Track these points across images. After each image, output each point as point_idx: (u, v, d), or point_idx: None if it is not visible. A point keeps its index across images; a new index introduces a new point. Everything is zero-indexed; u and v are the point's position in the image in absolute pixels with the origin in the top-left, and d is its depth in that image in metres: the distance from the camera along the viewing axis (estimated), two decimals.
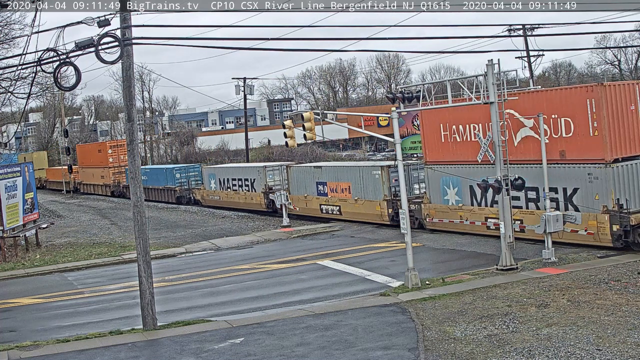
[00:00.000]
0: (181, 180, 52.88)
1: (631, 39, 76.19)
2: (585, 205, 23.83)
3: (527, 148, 25.29)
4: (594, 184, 23.64)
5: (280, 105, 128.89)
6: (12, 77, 31.18)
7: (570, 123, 24.35)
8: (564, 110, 24.39)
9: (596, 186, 23.59)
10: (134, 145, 18.53)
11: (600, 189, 23.45)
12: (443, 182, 29.55)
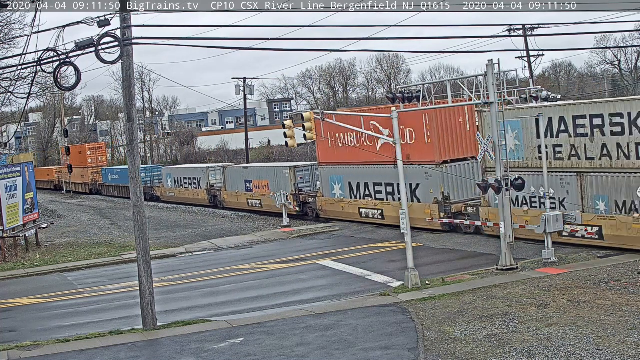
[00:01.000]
0: (145, 179, 57.50)
1: (631, 39, 76.14)
2: (424, 197, 30.46)
3: (386, 152, 29.63)
4: (429, 180, 30.15)
5: (280, 105, 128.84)
6: (12, 77, 31.20)
7: (413, 133, 30.75)
8: (409, 123, 30.16)
9: (430, 182, 30.13)
10: (134, 145, 18.54)
11: (433, 184, 29.97)
12: (331, 180, 36.51)
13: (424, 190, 30.43)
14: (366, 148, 32.48)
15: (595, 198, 23.86)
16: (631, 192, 22.72)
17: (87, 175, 69.10)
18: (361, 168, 34.28)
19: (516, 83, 40.14)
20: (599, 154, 23.79)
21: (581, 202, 24.20)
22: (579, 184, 24.37)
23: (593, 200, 23.94)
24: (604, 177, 23.65)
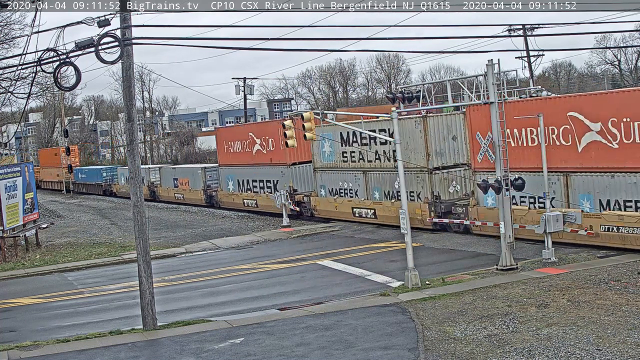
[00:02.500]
0: (106, 178, 68.08)
1: (631, 39, 76.16)
2: (279, 189, 40.01)
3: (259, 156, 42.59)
4: (284, 177, 40.31)
5: (280, 105, 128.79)
6: (12, 77, 31.20)
7: (274, 141, 40.94)
8: (271, 133, 41.12)
9: (284, 178, 40.25)
10: (134, 145, 18.54)
11: (287, 180, 39.99)
12: (227, 178, 46.86)
13: (281, 184, 40.36)
14: (247, 153, 43.92)
15: (373, 189, 34.02)
16: (392, 184, 32.42)
17: (61, 174, 76.71)
18: (244, 169, 44.68)
19: (516, 83, 40.16)
20: (374, 158, 33.63)
21: (366, 193, 34.57)
22: (365, 180, 34.49)
23: (372, 191, 34.15)
24: (377, 174, 33.65)
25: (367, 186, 34.18)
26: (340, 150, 35.69)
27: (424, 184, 30.90)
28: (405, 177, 23.70)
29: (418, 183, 31.14)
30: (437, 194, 30.53)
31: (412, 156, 30.60)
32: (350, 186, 35.37)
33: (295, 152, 38.81)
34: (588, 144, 24.15)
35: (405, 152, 29.36)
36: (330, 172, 36.98)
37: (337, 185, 36.42)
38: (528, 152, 25.70)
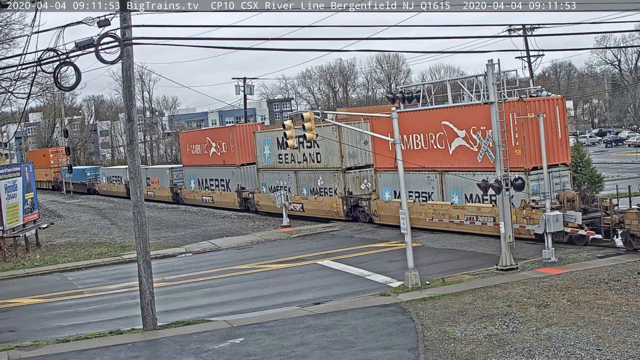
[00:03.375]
0: (90, 177, 73.92)
1: (631, 39, 76.22)
2: (230, 187, 45.89)
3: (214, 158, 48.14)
4: (234, 176, 45.72)
5: (280, 105, 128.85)
6: (12, 77, 31.19)
7: (226, 145, 46.15)
8: (224, 138, 46.69)
9: (235, 178, 45.65)
10: (134, 145, 18.54)
11: (237, 179, 45.50)
12: (190, 177, 52.25)
13: (232, 183, 46.14)
14: (205, 155, 48.90)
15: (302, 186, 39.25)
16: (316, 182, 37.91)
17: (50, 174, 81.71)
18: (203, 169, 49.96)
19: (516, 83, 40.14)
20: (302, 159, 38.92)
21: (296, 189, 39.55)
22: (295, 178, 39.51)
23: (301, 188, 39.26)
24: (305, 173, 38.82)
25: (298, 184, 39.51)
26: (277, 153, 40.95)
27: (339, 181, 36.20)
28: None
29: (334, 181, 36.48)
30: (349, 190, 35.81)
31: (329, 158, 36.49)
32: (285, 184, 40.43)
33: (243, 154, 45.01)
34: (456, 147, 28.55)
35: (324, 155, 36.76)
36: (269, 172, 42.16)
37: (275, 183, 41.44)
38: (414, 154, 30.08)
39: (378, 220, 33.53)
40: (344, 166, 35.80)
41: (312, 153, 37.86)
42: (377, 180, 33.65)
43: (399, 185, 26.22)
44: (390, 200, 32.21)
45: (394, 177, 30.50)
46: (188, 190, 52.66)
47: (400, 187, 21.33)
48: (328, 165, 36.55)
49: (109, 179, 68.34)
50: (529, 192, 25.82)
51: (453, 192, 29.15)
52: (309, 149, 37.83)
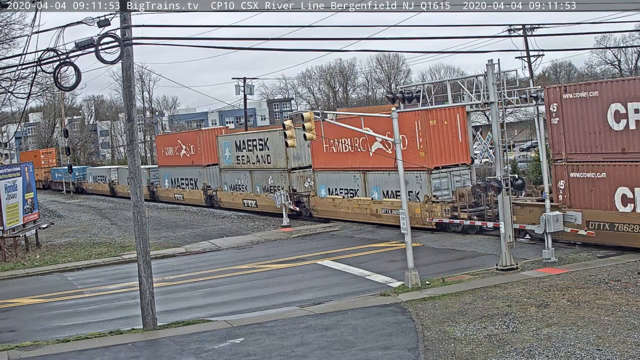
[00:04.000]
0: (78, 177, 76.98)
1: (631, 39, 76.19)
2: (198, 185, 50.80)
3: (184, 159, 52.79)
4: (201, 176, 50.28)
5: (280, 105, 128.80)
6: (12, 77, 31.19)
7: (194, 147, 50.90)
8: (192, 140, 51.72)
9: (202, 177, 50.30)
10: (134, 145, 18.54)
11: (203, 178, 49.80)
12: (164, 177, 57.16)
13: (199, 182, 50.58)
14: (176, 157, 53.31)
15: (256, 185, 43.24)
16: (267, 181, 41.77)
17: (40, 174, 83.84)
18: (175, 169, 54.38)
19: (516, 83, 40.13)
20: (256, 160, 42.97)
21: (251, 187, 43.54)
22: (251, 178, 43.75)
23: (255, 186, 42.87)
24: (258, 173, 43.02)
25: (252, 182, 43.64)
26: (235, 155, 45.20)
27: (285, 180, 40.19)
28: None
29: (282, 180, 40.52)
30: (294, 188, 39.63)
31: (278, 159, 40.63)
32: (242, 183, 44.91)
33: (208, 156, 49.25)
34: (376, 150, 32.34)
35: (273, 157, 41.08)
36: (230, 172, 46.47)
37: (234, 182, 45.90)
38: (343, 156, 35.40)
39: (316, 214, 37.78)
40: (289, 167, 39.95)
41: (264, 155, 42.14)
42: (315, 179, 37.88)
43: (332, 184, 36.42)
44: (325, 197, 36.86)
45: (328, 177, 36.71)
46: (163, 188, 57.30)
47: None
48: (276, 165, 40.89)
49: (94, 179, 73.09)
50: (430, 188, 29.99)
51: (374, 189, 33.61)
52: (261, 151, 42.25)
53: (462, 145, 30.64)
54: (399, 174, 21.62)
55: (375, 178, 33.39)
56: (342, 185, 35.66)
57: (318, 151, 36.94)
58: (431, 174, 30.22)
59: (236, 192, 45.56)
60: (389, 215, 31.90)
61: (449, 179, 30.24)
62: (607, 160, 23.57)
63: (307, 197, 38.37)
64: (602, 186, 23.76)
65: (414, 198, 30.79)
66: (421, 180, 30.67)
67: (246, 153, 43.85)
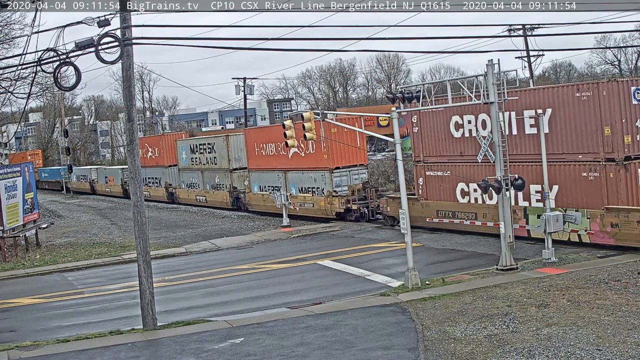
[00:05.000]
0: (64, 176, 78.66)
1: (631, 39, 76.23)
2: (161, 183, 56.43)
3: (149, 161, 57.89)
4: (164, 175, 56.13)
5: (280, 105, 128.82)
6: (12, 77, 31.19)
7: (158, 150, 56.53)
8: (156, 144, 57.55)
9: (164, 176, 56.03)
10: (134, 145, 18.54)
11: (166, 177, 55.80)
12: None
13: (162, 180, 56.71)
14: (144, 158, 55.29)
15: (206, 183, 49.39)
16: (214, 179, 48.05)
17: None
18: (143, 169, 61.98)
19: (516, 83, 40.12)
20: (206, 162, 48.87)
21: (202, 185, 49.89)
22: (202, 177, 49.76)
23: (206, 184, 49.29)
24: (208, 172, 48.93)
25: (203, 181, 49.76)
26: (190, 157, 51.31)
27: (228, 179, 46.24)
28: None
29: (225, 178, 46.68)
30: (234, 186, 45.50)
31: (222, 161, 46.89)
32: (196, 181, 51.11)
33: (169, 157, 55.17)
34: (293, 153, 38.51)
35: (219, 159, 47.23)
36: (186, 172, 52.59)
37: (190, 180, 52.13)
38: (270, 158, 41.31)
39: (251, 208, 43.93)
40: (231, 167, 46.03)
41: (212, 157, 48.28)
42: (250, 178, 43.73)
43: (262, 182, 42.64)
44: (257, 193, 42.89)
45: (259, 176, 42.81)
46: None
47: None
48: (221, 166, 47.06)
49: (77, 178, 77.81)
50: (332, 184, 36.21)
51: (292, 186, 39.48)
52: (210, 154, 48.32)
53: (359, 149, 36.76)
54: (399, 174, 21.60)
55: (293, 177, 39.42)
56: (269, 183, 41.62)
57: (252, 154, 43.14)
58: (332, 173, 36.48)
59: (191, 190, 52.05)
60: (303, 208, 38.29)
61: (348, 177, 36.86)
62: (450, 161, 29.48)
63: (243, 194, 44.35)
64: (448, 182, 29.60)
65: (320, 193, 37.14)
66: (325, 178, 36.86)
67: (198, 155, 50.06)
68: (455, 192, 29.11)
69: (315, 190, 37.60)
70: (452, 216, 29.16)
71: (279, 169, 40.44)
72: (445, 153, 29.59)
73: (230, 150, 45.91)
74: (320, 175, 37.17)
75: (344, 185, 36.42)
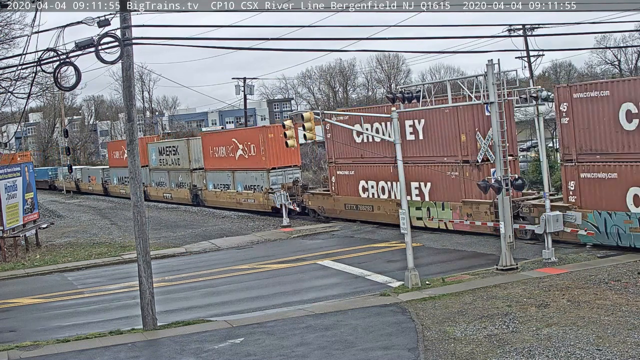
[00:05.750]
0: (51, 176, 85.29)
1: (631, 39, 76.15)
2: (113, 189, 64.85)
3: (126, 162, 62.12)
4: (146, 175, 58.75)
5: (280, 105, 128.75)
6: (12, 77, 31.17)
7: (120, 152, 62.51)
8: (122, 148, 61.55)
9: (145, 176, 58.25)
10: (134, 145, 18.53)
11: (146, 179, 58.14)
12: (113, 175, 67.19)
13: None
14: (120, 159, 61.80)
15: (172, 181, 54.28)
16: (178, 178, 53.35)
17: None
18: (120, 169, 63.51)
19: (516, 83, 40.09)
20: (172, 162, 53.88)
21: (169, 184, 54.43)
22: (168, 176, 54.57)
23: (172, 183, 54.59)
24: (173, 172, 53.78)
25: (170, 180, 54.96)
26: (159, 158, 56.48)
27: (189, 178, 51.62)
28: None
29: (187, 178, 52.06)
30: (194, 184, 50.76)
31: (184, 162, 52.25)
32: (164, 180, 56.14)
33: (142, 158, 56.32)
34: (239, 155, 44.11)
35: (181, 160, 52.62)
36: (155, 171, 57.47)
37: (158, 179, 57.08)
38: (220, 159, 46.58)
39: (207, 203, 49.11)
40: (191, 167, 51.33)
41: (176, 158, 53.77)
42: (206, 177, 48.90)
43: (216, 180, 47.65)
44: (212, 190, 48.30)
45: (214, 175, 47.95)
46: (112, 185, 67.85)
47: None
48: (183, 167, 52.40)
49: (64, 177, 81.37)
50: (269, 182, 41.07)
51: (238, 184, 44.70)
52: (174, 155, 53.69)
53: (294, 151, 40.41)
54: (399, 174, 21.60)
55: (240, 176, 44.61)
56: (222, 182, 47.01)
57: (207, 156, 48.44)
58: (269, 172, 41.52)
59: (159, 187, 57.21)
60: (246, 203, 43.72)
61: (283, 176, 41.70)
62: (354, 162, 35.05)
63: (200, 191, 49.81)
64: (352, 180, 35.08)
65: (260, 190, 42.33)
66: (263, 177, 41.91)
67: (165, 157, 55.38)
68: (358, 188, 34.63)
69: (256, 187, 42.70)
70: (356, 208, 34.85)
71: (229, 169, 45.85)
72: (350, 156, 35.21)
73: (191, 152, 51.40)
74: (260, 175, 42.36)
75: (279, 184, 41.02)
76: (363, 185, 34.31)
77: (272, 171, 41.58)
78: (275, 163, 41.77)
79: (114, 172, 67.33)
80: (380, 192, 33.22)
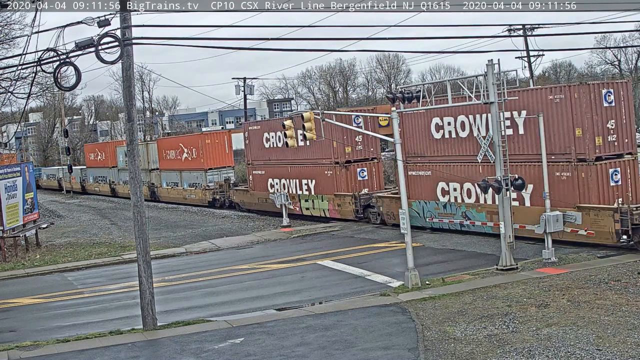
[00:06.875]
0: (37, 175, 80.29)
1: (631, 39, 76.13)
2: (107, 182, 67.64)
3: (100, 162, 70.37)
4: (109, 174, 67.26)
5: (280, 105, 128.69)
6: (12, 77, 31.18)
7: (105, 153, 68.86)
8: (104, 149, 70.05)
9: (109, 175, 67.10)
10: (134, 145, 18.53)
11: (110, 176, 67.26)
12: (90, 175, 74.57)
13: (108, 178, 68.63)
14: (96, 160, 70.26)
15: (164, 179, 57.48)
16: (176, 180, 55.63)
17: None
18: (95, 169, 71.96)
19: (516, 83, 40.12)
20: (156, 161, 56.73)
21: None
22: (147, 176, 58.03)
23: (164, 180, 56.32)
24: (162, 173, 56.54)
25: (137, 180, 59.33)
26: (124, 160, 58.21)
27: (148, 177, 57.18)
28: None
29: (146, 176, 56.09)
30: (152, 182, 57.31)
31: (143, 162, 55.48)
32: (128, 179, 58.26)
33: (113, 160, 66.21)
34: (184, 157, 51.31)
35: (142, 160, 53.35)
36: (123, 171, 61.10)
37: (125, 178, 59.90)
38: (172, 161, 53.29)
39: (161, 199, 56.04)
40: (150, 167, 57.33)
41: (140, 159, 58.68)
42: (161, 176, 55.89)
43: (169, 179, 54.88)
44: (165, 187, 55.27)
45: (167, 174, 54.99)
46: (89, 183, 74.04)
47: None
48: (144, 167, 55.12)
49: (47, 176, 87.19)
50: (206, 180, 48.68)
51: (185, 182, 51.77)
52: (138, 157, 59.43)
53: (228, 154, 49.91)
54: (398, 174, 21.60)
55: (185, 175, 51.86)
56: (172, 180, 54.09)
57: (161, 158, 55.65)
58: (207, 172, 49.10)
59: (125, 185, 60.89)
60: (190, 198, 50.87)
61: (218, 175, 49.25)
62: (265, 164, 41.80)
63: (156, 188, 56.55)
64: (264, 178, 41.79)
65: (200, 187, 49.48)
66: (202, 176, 49.42)
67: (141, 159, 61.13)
68: (267, 185, 41.68)
69: (197, 185, 50.20)
70: (265, 202, 41.25)
71: (178, 169, 53.18)
72: (262, 158, 42.30)
73: (149, 154, 57.75)
74: (200, 174, 49.93)
75: (214, 182, 48.82)
76: (271, 182, 41.33)
77: (209, 171, 49.41)
78: (211, 164, 49.53)
79: (91, 172, 74.52)
80: (282, 188, 40.00)
